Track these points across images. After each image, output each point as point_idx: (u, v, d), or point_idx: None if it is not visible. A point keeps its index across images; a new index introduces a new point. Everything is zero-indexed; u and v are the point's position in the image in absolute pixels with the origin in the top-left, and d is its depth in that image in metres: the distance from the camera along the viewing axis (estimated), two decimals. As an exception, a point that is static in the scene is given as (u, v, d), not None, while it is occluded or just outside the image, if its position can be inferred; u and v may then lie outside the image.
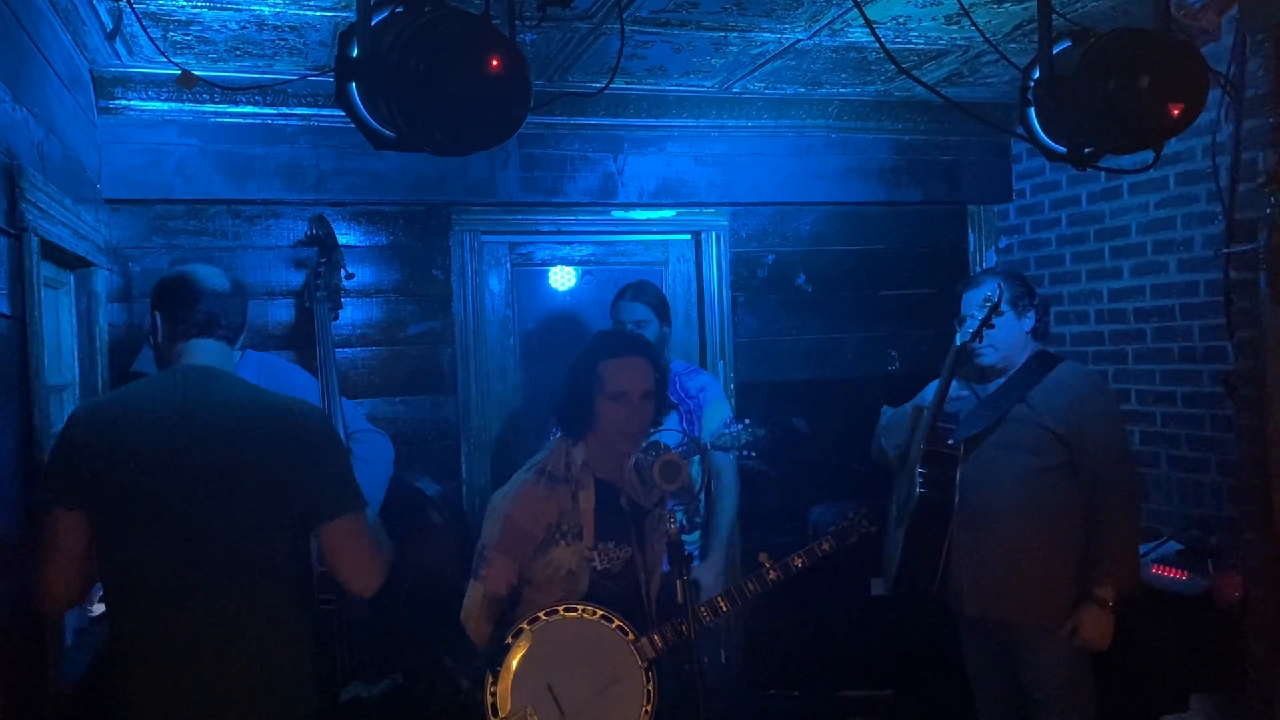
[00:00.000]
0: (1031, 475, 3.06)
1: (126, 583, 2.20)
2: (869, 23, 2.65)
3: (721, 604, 2.75)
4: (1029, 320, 3.19)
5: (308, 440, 2.28)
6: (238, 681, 2.19)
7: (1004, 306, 3.12)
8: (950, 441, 3.15)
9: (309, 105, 3.72)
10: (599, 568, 2.70)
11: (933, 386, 3.30)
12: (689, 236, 4.46)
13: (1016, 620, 3.08)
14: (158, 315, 2.37)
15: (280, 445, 2.24)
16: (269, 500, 2.22)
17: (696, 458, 3.59)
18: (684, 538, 3.55)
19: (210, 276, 2.39)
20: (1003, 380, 3.20)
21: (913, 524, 3.14)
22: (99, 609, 2.80)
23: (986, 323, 3.12)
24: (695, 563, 3.68)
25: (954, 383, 3.28)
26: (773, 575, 2.81)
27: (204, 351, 2.33)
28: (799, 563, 2.87)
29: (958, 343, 3.17)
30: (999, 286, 3.14)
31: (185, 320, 2.32)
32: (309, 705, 2.32)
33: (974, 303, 3.17)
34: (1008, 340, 3.15)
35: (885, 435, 3.44)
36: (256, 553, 2.22)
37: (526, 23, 2.63)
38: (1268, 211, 2.84)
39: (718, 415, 3.75)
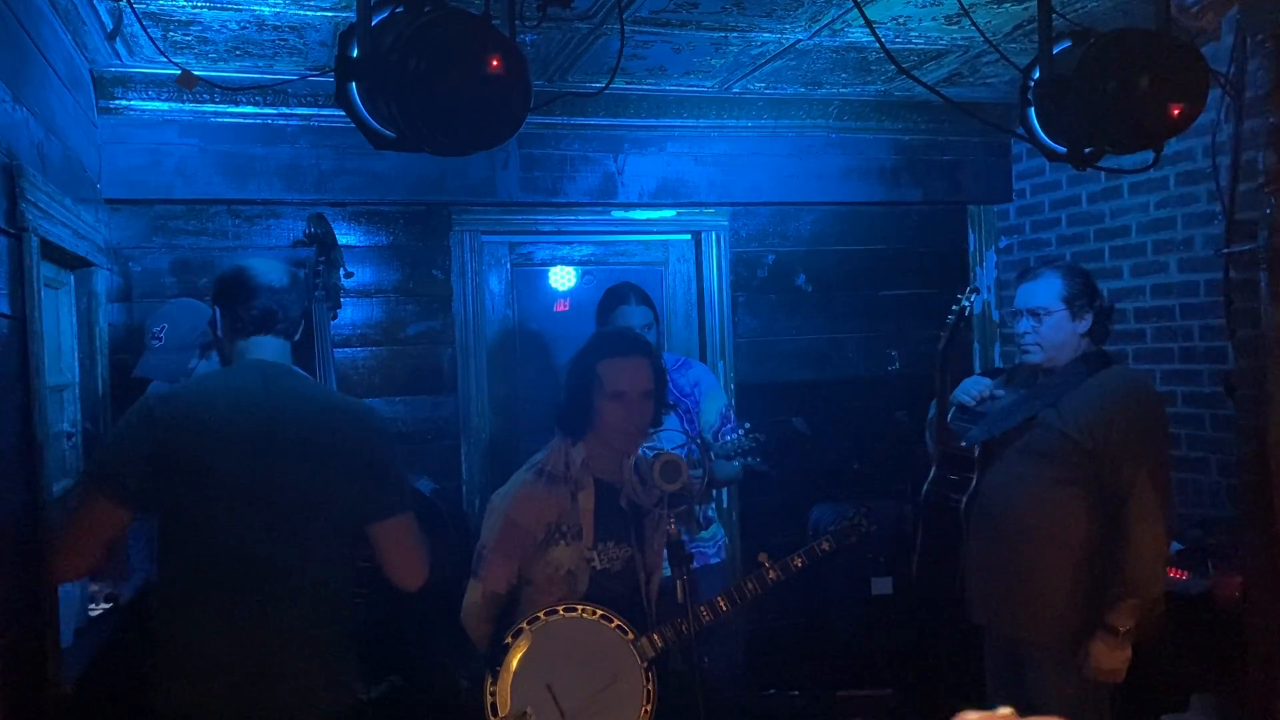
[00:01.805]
0: (1046, 486, 2.89)
1: (192, 570, 2.22)
2: (869, 23, 2.65)
3: (721, 604, 2.74)
4: (1085, 322, 2.93)
5: (373, 441, 2.36)
6: (285, 669, 2.23)
7: (1055, 305, 2.92)
8: (963, 443, 3.06)
9: (309, 105, 3.72)
10: (598, 568, 2.70)
11: (965, 384, 3.20)
12: (689, 236, 4.46)
13: (1020, 634, 2.97)
14: (218, 310, 2.40)
15: (350, 444, 2.31)
16: (336, 497, 2.29)
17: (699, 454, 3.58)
18: (701, 534, 3.53)
19: (268, 272, 2.39)
20: (1045, 381, 3.01)
21: (924, 523, 3.12)
22: (99, 609, 2.81)
23: (955, 328, 3.09)
24: (710, 560, 3.68)
25: (994, 381, 3.19)
26: (773, 575, 2.80)
27: (265, 348, 2.36)
28: (799, 563, 2.86)
29: (939, 348, 3.14)
30: (969, 298, 3.12)
31: (244, 317, 2.35)
32: (348, 697, 2.37)
33: (1029, 296, 2.99)
34: (1056, 340, 2.93)
35: (929, 429, 3.31)
36: (321, 547, 2.28)
37: (526, 23, 2.63)
38: (1268, 211, 2.83)
39: (714, 407, 3.73)
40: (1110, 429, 2.81)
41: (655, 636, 2.61)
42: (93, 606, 2.80)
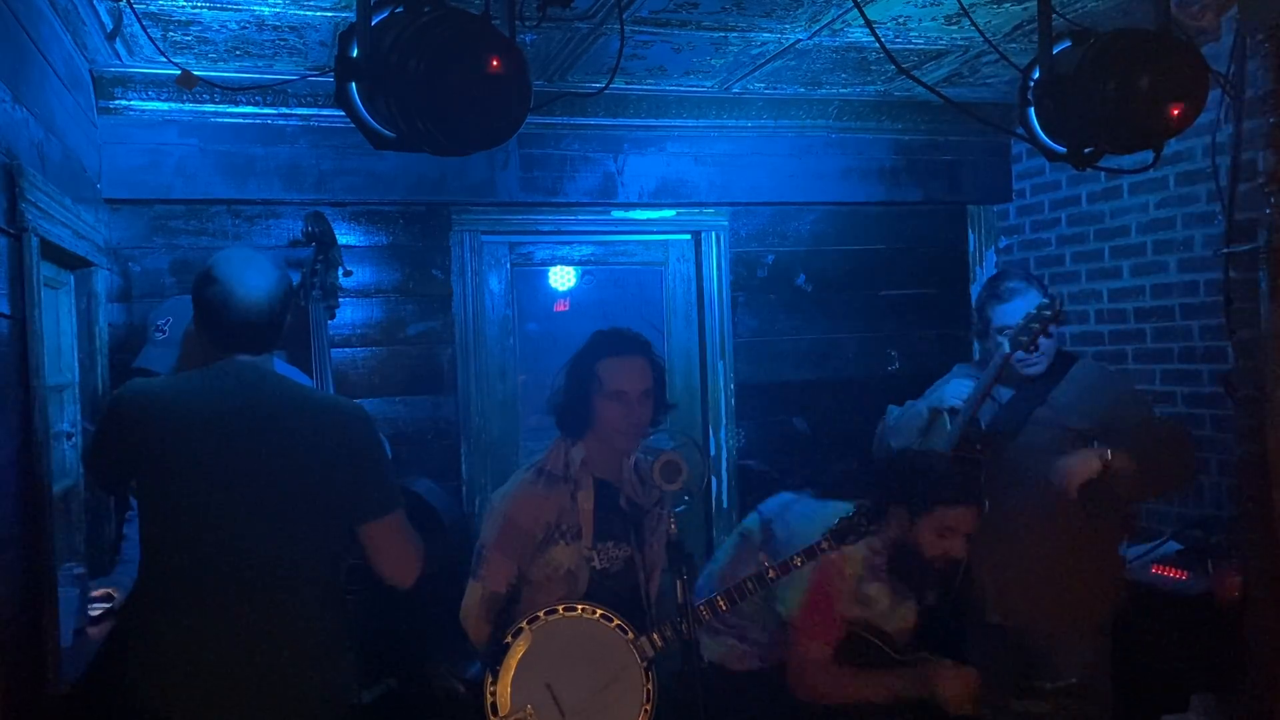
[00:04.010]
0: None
1: (172, 570, 2.22)
2: (869, 23, 2.65)
3: (721, 603, 2.74)
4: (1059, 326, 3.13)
5: (358, 440, 2.32)
6: (276, 672, 2.21)
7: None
8: (979, 446, 3.10)
9: (309, 105, 3.72)
10: (598, 567, 2.70)
11: (951, 387, 3.23)
12: (689, 236, 4.46)
13: (1039, 628, 3.05)
14: (197, 323, 2.37)
15: (333, 443, 2.29)
16: (321, 497, 2.27)
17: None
18: None
19: (246, 292, 2.29)
20: (1018, 382, 3.15)
21: None
22: (98, 608, 2.80)
23: (1044, 331, 3.02)
24: None
25: (971, 384, 3.21)
26: (772, 574, 2.80)
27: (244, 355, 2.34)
28: (798, 562, 2.86)
29: (1007, 349, 3.04)
30: (1052, 298, 3.08)
31: (220, 340, 2.32)
32: (344, 700, 2.36)
33: (1016, 313, 3.07)
34: (1051, 348, 3.12)
35: (894, 435, 3.37)
36: (305, 548, 2.26)
37: (526, 23, 2.64)
38: (1268, 211, 2.84)
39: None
40: (1107, 409, 2.99)
41: (655, 636, 2.61)
42: (93, 607, 2.80)
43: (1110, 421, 2.98)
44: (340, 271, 3.59)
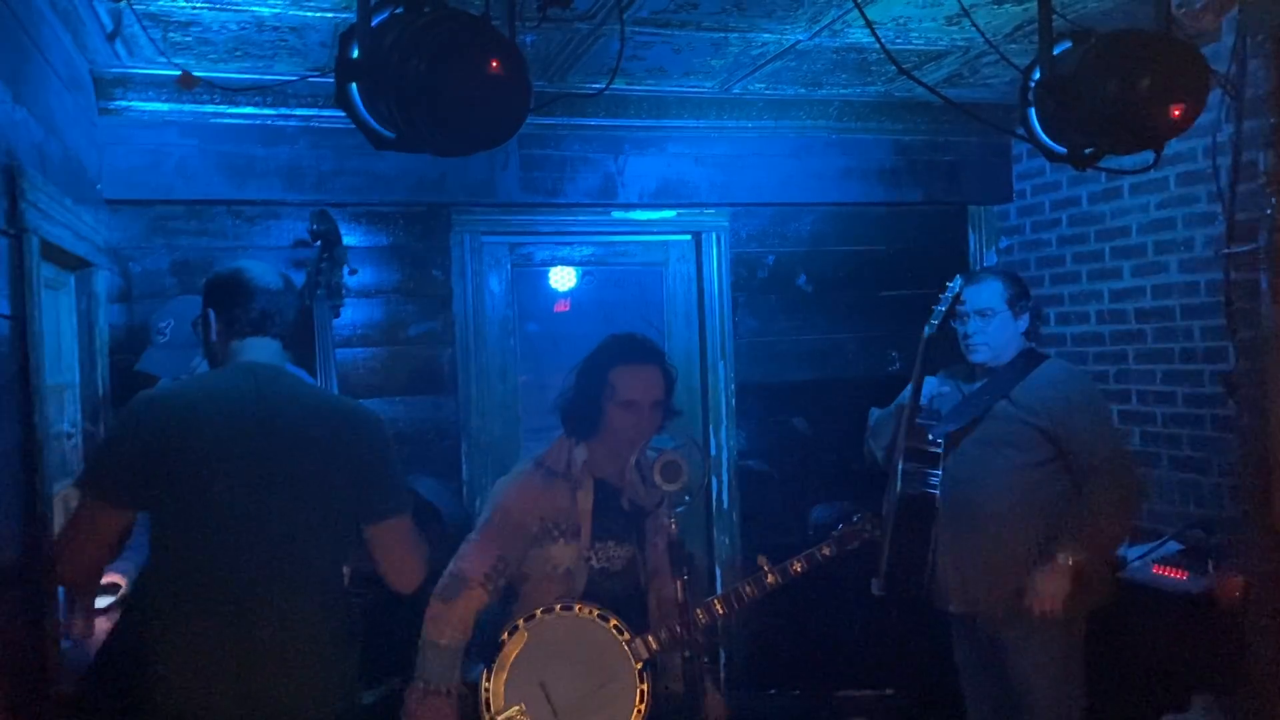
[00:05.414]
0: (1016, 471, 3.09)
1: (184, 573, 2.21)
2: (869, 23, 2.65)
3: (719, 606, 2.74)
4: (1024, 322, 3.25)
5: (369, 441, 2.34)
6: (280, 671, 2.21)
7: (1000, 305, 3.18)
8: (931, 437, 3.19)
9: (309, 106, 3.72)
10: (596, 566, 2.70)
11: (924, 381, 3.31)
12: (689, 237, 4.46)
13: (1003, 618, 3.08)
14: (211, 313, 2.40)
15: (344, 445, 2.30)
16: (331, 498, 2.28)
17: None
18: None
19: (263, 274, 2.40)
20: (987, 378, 3.26)
21: (898, 522, 3.16)
22: (102, 601, 2.80)
23: (950, 314, 3.20)
24: None
25: (939, 379, 3.33)
26: (771, 579, 2.80)
27: (260, 349, 2.36)
28: (798, 567, 2.86)
29: (925, 334, 3.23)
30: (960, 281, 3.23)
31: (240, 319, 2.35)
32: (348, 700, 2.36)
33: (975, 298, 3.22)
34: (1000, 339, 3.21)
35: (874, 437, 3.46)
36: (315, 549, 2.27)
37: (526, 23, 2.64)
38: (1268, 212, 2.84)
39: None
40: (1065, 410, 3.06)
41: (651, 638, 2.61)
42: (100, 596, 2.79)
43: (1065, 421, 3.06)
44: (345, 270, 3.59)
